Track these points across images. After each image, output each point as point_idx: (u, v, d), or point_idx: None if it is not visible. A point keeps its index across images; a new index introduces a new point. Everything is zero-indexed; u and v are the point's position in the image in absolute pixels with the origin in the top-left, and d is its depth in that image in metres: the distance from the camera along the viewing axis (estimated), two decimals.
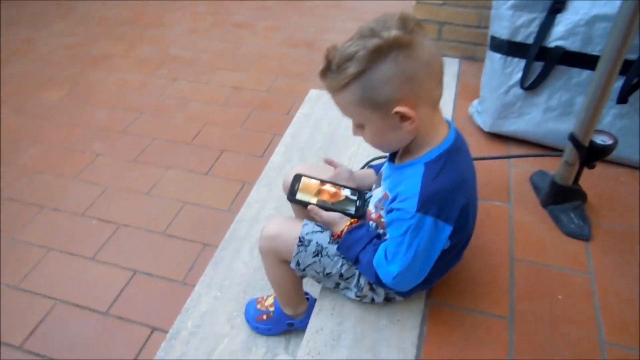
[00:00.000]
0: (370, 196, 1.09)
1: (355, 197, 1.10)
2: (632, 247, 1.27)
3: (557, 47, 1.49)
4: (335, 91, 0.85)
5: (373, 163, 1.46)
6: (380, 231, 1.01)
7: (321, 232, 1.06)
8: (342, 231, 1.02)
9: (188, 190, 1.95)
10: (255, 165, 1.97)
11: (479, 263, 1.23)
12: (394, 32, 0.78)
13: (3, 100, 2.52)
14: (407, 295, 1.09)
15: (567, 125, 1.43)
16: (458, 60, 2.15)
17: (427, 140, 0.90)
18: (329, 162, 1.19)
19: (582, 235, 1.31)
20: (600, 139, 1.28)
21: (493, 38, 1.61)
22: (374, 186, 1.10)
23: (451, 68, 2.07)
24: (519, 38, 1.54)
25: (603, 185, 1.47)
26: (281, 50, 2.95)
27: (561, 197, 1.38)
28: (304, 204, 1.07)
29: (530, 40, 1.53)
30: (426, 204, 0.85)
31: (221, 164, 2.08)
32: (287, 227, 1.09)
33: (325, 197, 1.09)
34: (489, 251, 1.28)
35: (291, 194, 1.10)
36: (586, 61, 1.47)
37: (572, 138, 1.28)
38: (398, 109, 0.81)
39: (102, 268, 1.65)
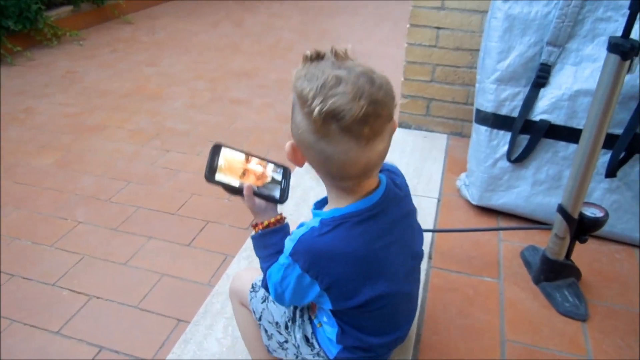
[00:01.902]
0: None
1: (280, 177, 1.02)
2: (633, 328, 1.18)
3: (542, 121, 1.49)
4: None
5: None
6: None
7: None
8: (258, 225, 0.98)
9: (167, 262, 1.87)
10: (240, 238, 1.91)
11: (467, 344, 1.14)
12: (315, 111, 0.71)
13: None
14: None
15: (556, 199, 1.39)
16: (446, 135, 2.16)
17: (337, 200, 0.86)
18: None
19: (578, 315, 1.23)
20: (591, 212, 1.24)
21: (478, 111, 1.62)
22: None
23: (439, 143, 2.07)
24: (503, 111, 1.55)
25: (598, 262, 1.40)
26: (275, 125, 2.99)
27: (554, 273, 1.31)
28: (227, 187, 0.96)
29: (515, 114, 1.53)
30: (297, 254, 0.83)
31: (205, 236, 2.02)
32: (250, 273, 1.11)
33: (250, 179, 0.98)
34: (479, 331, 1.19)
35: (210, 173, 0.94)
36: (572, 135, 1.47)
37: (561, 210, 1.24)
38: (288, 146, 0.83)
39: (67, 343, 1.53)
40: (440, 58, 2.13)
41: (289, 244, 0.85)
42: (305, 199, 1.98)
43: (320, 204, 0.94)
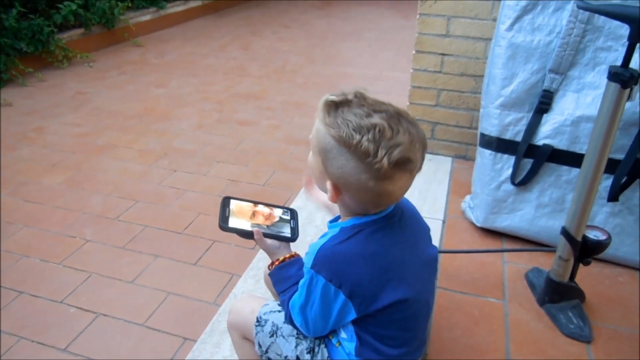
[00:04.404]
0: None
1: (288, 217, 1.09)
2: (636, 350, 1.20)
3: (545, 145, 1.53)
4: (319, 119, 0.84)
5: None
6: None
7: (279, 312, 1.05)
8: (274, 262, 1.03)
9: (174, 281, 1.88)
10: (247, 257, 1.92)
11: None
12: (385, 164, 0.77)
13: (2, 183, 2.55)
14: None
15: (560, 222, 1.42)
16: (450, 158, 2.20)
17: (354, 213, 0.91)
18: None
19: (583, 337, 1.24)
20: (594, 234, 1.26)
21: (482, 135, 1.65)
22: None
23: (444, 166, 2.11)
24: (507, 135, 1.59)
25: (601, 285, 1.42)
26: (281, 146, 3.02)
27: (558, 294, 1.33)
28: (240, 232, 1.03)
29: (519, 138, 1.57)
30: (319, 264, 0.85)
31: (211, 255, 2.03)
32: (250, 304, 1.10)
33: (259, 220, 1.06)
34: (484, 351, 1.20)
35: (223, 222, 1.02)
36: (574, 159, 1.50)
37: (565, 232, 1.26)
38: (328, 182, 0.84)
39: None
40: (445, 83, 2.18)
41: (307, 257, 0.88)
42: (312, 220, 2.01)
43: (334, 221, 0.99)
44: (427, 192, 2.02)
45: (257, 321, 1.07)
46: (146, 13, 5.63)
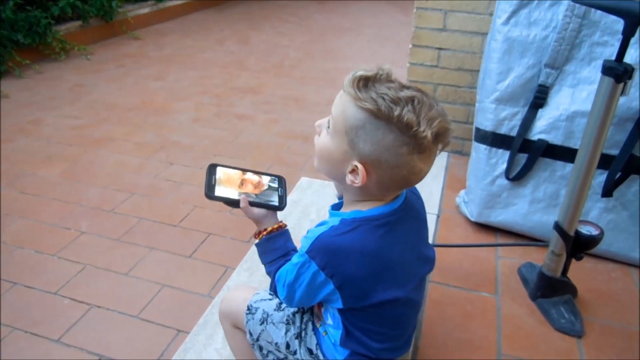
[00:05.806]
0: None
1: (276, 184, 1.07)
2: (628, 346, 1.20)
3: (540, 140, 1.52)
4: (349, 95, 0.82)
5: None
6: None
7: (270, 299, 1.06)
8: (262, 232, 1.02)
9: (168, 273, 1.88)
10: (241, 250, 1.92)
11: (465, 358, 1.15)
12: (429, 134, 0.77)
13: None
14: None
15: (554, 217, 1.42)
16: (446, 153, 2.20)
17: (360, 203, 0.89)
18: None
19: (574, 331, 1.24)
20: (587, 229, 1.26)
21: (478, 130, 1.65)
22: None
23: (440, 161, 2.10)
24: (502, 130, 1.58)
25: (594, 280, 1.42)
26: (279, 140, 3.02)
27: (550, 289, 1.33)
28: (226, 201, 1.00)
29: (514, 133, 1.57)
30: (314, 251, 0.84)
31: (206, 248, 2.04)
32: (242, 294, 1.11)
33: (248, 188, 1.03)
34: (476, 345, 1.20)
35: (209, 190, 0.99)
36: (569, 154, 1.50)
37: (558, 227, 1.26)
38: (356, 163, 0.81)
39: (67, 352, 1.54)
40: (441, 78, 2.18)
41: (305, 241, 0.87)
42: (307, 214, 2.01)
43: (337, 206, 0.98)
44: (422, 187, 2.00)
45: (248, 309, 1.07)
46: (145, 6, 5.61)
